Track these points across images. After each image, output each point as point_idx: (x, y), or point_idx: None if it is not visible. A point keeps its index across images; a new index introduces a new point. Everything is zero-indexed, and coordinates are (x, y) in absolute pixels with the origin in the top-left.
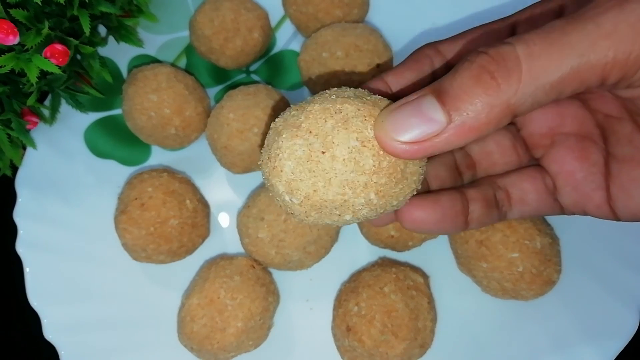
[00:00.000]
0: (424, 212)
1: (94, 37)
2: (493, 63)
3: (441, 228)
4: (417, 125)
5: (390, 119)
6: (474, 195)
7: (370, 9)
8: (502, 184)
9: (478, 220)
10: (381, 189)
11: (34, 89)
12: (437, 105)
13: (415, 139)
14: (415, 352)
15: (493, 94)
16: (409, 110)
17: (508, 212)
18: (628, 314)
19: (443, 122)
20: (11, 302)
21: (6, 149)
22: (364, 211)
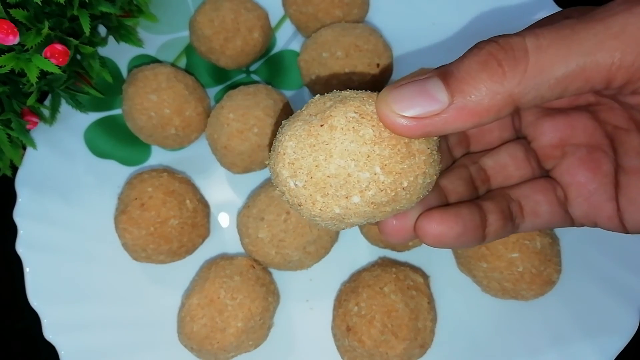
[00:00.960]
0: (446, 226)
1: (94, 37)
2: (501, 51)
3: (461, 242)
4: (419, 102)
5: (394, 94)
6: (491, 207)
7: (370, 9)
8: (514, 196)
9: (495, 233)
10: (386, 162)
11: (34, 89)
12: (442, 85)
13: (416, 115)
14: (415, 352)
15: (498, 81)
16: (413, 88)
17: (521, 224)
18: (628, 314)
19: (445, 102)
20: (11, 302)
21: (6, 149)
22: (372, 191)
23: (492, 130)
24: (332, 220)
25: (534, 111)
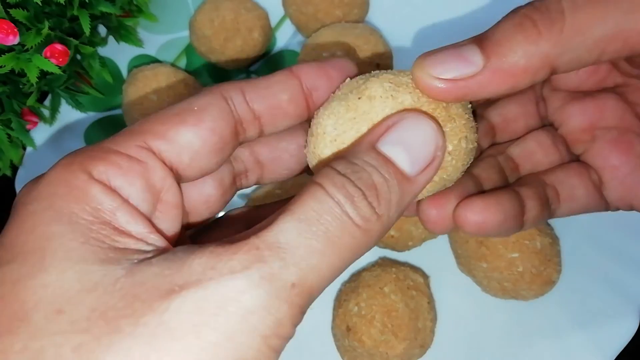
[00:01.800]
0: (488, 214)
1: (94, 37)
2: (537, 12)
3: (501, 230)
4: (454, 64)
5: (430, 58)
6: (528, 193)
7: (370, 9)
8: (549, 180)
9: (533, 219)
10: None
11: (34, 89)
12: (477, 49)
13: (452, 77)
14: (415, 352)
15: (533, 41)
16: (449, 52)
17: (557, 209)
18: (628, 314)
19: (480, 64)
20: None
21: (6, 149)
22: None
23: (517, 119)
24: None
25: (560, 96)
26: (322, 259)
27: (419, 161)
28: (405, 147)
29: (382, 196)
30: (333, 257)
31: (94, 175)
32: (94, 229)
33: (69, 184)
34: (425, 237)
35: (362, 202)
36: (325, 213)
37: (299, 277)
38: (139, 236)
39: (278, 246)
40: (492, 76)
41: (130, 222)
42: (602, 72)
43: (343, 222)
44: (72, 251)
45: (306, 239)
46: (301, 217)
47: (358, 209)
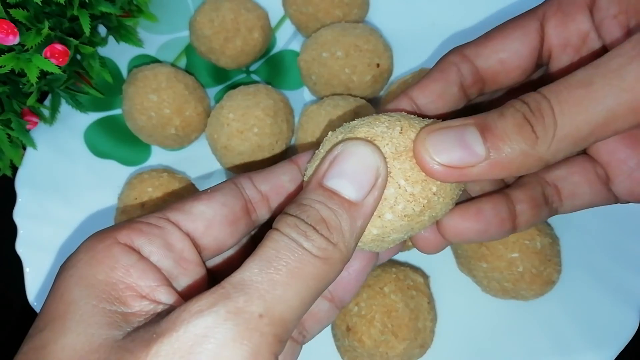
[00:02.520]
0: (467, 222)
1: (94, 37)
2: (534, 118)
3: (487, 237)
4: (457, 152)
5: (433, 139)
6: (520, 197)
7: (370, 9)
8: (550, 179)
9: (527, 222)
10: (408, 173)
11: (34, 89)
12: (480, 139)
13: (452, 164)
14: (415, 352)
15: (531, 144)
16: (452, 136)
17: (559, 207)
18: (628, 314)
19: (482, 155)
20: (11, 302)
21: (6, 149)
22: (401, 204)
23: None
24: (373, 242)
25: None
26: (286, 289)
27: (363, 186)
28: (347, 177)
29: (333, 226)
30: (298, 287)
31: (119, 239)
32: (107, 289)
33: (94, 248)
34: None
35: (314, 235)
36: (283, 250)
37: (265, 307)
38: (147, 290)
39: (242, 283)
40: (490, 168)
41: (142, 277)
42: None
43: (301, 255)
44: (86, 315)
45: (268, 273)
46: (262, 257)
47: (313, 242)
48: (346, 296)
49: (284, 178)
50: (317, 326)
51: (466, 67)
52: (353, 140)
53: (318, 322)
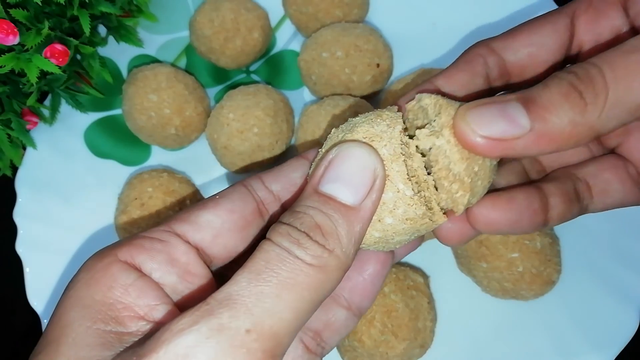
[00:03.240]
0: (499, 212)
1: (94, 37)
2: (582, 83)
3: (518, 229)
4: (500, 123)
5: (474, 113)
6: (552, 190)
7: (370, 9)
8: (580, 175)
9: (559, 216)
10: (406, 176)
11: (34, 89)
12: (523, 110)
13: (496, 136)
14: (415, 352)
15: (579, 112)
16: (494, 109)
17: (590, 205)
18: (628, 314)
19: (526, 127)
20: (11, 302)
21: (6, 149)
22: (401, 209)
23: None
24: (377, 245)
25: None
26: (276, 301)
27: (359, 189)
28: (342, 181)
29: (328, 232)
30: (290, 298)
31: (119, 256)
32: (103, 309)
33: (93, 268)
34: (425, 237)
35: (308, 242)
36: (274, 260)
37: (252, 322)
38: (146, 310)
39: (228, 298)
40: (537, 140)
41: (140, 296)
42: None
43: (293, 264)
44: (79, 337)
45: (256, 286)
46: (251, 269)
47: (306, 250)
48: (364, 302)
49: (294, 175)
50: (336, 336)
51: (493, 60)
52: (348, 142)
53: (336, 332)
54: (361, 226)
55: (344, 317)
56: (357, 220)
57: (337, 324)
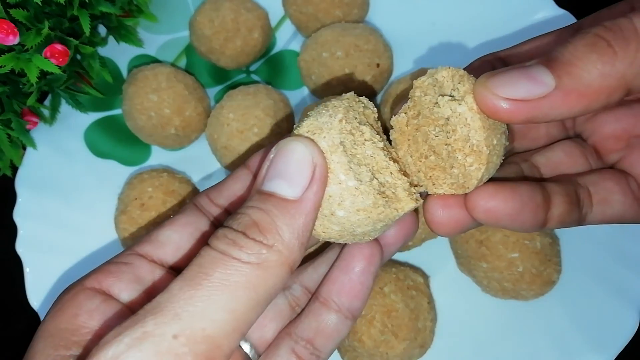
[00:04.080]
0: (500, 201)
1: (94, 37)
2: (609, 32)
3: (518, 222)
4: (523, 84)
5: (494, 78)
6: (555, 189)
7: (370, 9)
8: (582, 182)
9: (559, 218)
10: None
11: (34, 89)
12: (546, 70)
13: (520, 97)
14: (415, 352)
15: (608, 61)
16: (516, 72)
17: (588, 213)
18: (628, 314)
19: (551, 84)
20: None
21: (6, 149)
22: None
23: (539, 125)
24: (344, 237)
25: None
26: (207, 303)
27: (299, 182)
28: (282, 177)
29: (266, 228)
30: (223, 299)
31: (86, 284)
32: (67, 336)
33: (61, 300)
34: (425, 237)
35: (244, 241)
36: (207, 264)
37: (181, 327)
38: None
39: (156, 307)
40: (564, 97)
41: (103, 319)
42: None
43: (227, 266)
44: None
45: (185, 291)
46: (185, 276)
47: (243, 249)
48: (354, 303)
49: (236, 187)
50: (329, 343)
51: (500, 65)
52: (286, 139)
53: (329, 339)
54: (304, 218)
55: (335, 321)
56: (299, 213)
57: (328, 329)
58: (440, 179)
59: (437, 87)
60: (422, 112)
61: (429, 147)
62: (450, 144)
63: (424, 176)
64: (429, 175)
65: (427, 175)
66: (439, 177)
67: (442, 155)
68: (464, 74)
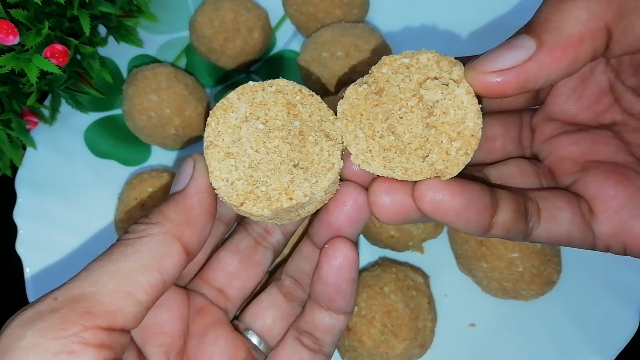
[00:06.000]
0: (448, 195)
1: (94, 37)
2: None
3: (462, 220)
4: (506, 53)
5: (480, 59)
6: (505, 195)
7: (370, 9)
8: (532, 195)
9: (504, 225)
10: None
11: (34, 89)
12: (525, 35)
13: (507, 65)
14: (415, 352)
15: (583, 5)
16: (498, 48)
17: (535, 228)
18: (628, 314)
19: (532, 46)
20: (11, 302)
21: (6, 149)
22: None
23: (495, 138)
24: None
25: (552, 126)
26: (97, 273)
27: (182, 181)
28: (177, 183)
29: (152, 213)
30: (110, 268)
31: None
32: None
33: None
34: (425, 237)
35: (133, 226)
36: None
37: (60, 292)
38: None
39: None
40: (549, 53)
41: None
42: (602, 104)
43: (124, 246)
44: None
45: (88, 269)
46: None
47: (132, 231)
48: (339, 304)
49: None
50: (327, 336)
51: None
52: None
53: (325, 333)
54: (188, 199)
55: (327, 318)
56: (182, 197)
57: (322, 325)
58: (394, 161)
59: (417, 68)
60: (389, 90)
61: (388, 126)
62: (435, 127)
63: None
64: (382, 156)
65: (379, 155)
66: (393, 159)
67: (402, 138)
68: (455, 60)
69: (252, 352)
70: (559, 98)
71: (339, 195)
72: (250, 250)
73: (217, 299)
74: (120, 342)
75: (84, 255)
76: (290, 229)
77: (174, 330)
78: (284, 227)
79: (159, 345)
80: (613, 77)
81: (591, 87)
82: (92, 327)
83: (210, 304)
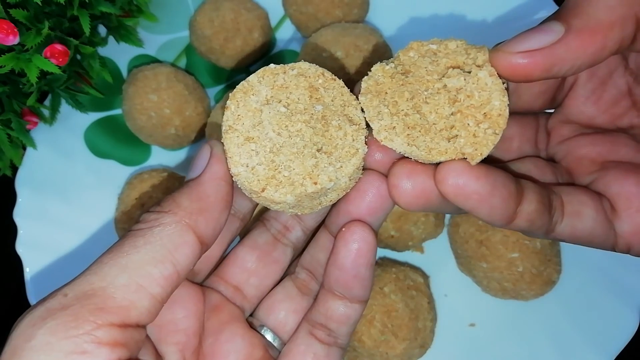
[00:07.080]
0: (472, 179)
1: (94, 37)
2: None
3: (486, 206)
4: (534, 36)
5: (508, 42)
6: (530, 186)
7: (370, 9)
8: (557, 189)
9: (529, 216)
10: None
11: (34, 89)
12: (555, 20)
13: (535, 47)
14: (415, 352)
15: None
16: (527, 31)
17: (558, 224)
18: (628, 314)
19: (561, 30)
20: (11, 301)
21: (6, 149)
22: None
23: (512, 138)
24: (294, 210)
25: (569, 128)
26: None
27: (197, 168)
28: (192, 170)
29: (164, 201)
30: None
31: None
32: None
33: None
34: (425, 237)
35: (145, 215)
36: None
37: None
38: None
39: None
40: (577, 37)
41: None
42: (620, 108)
43: (134, 237)
44: None
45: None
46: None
47: (143, 220)
48: (355, 292)
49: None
50: (342, 326)
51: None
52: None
53: (340, 323)
54: (202, 186)
55: (342, 308)
56: (196, 184)
57: (337, 315)
58: (418, 140)
59: (445, 54)
60: (415, 72)
61: (413, 105)
62: (460, 111)
63: (397, 132)
64: (406, 133)
65: (403, 132)
66: (417, 137)
67: (428, 117)
68: (483, 47)
69: (268, 350)
70: (577, 100)
71: (360, 184)
72: (269, 247)
73: (233, 296)
74: (135, 338)
75: (84, 256)
76: (310, 225)
77: (190, 328)
78: (303, 224)
79: (175, 343)
80: (632, 81)
81: (610, 90)
82: (105, 324)
83: (226, 301)
